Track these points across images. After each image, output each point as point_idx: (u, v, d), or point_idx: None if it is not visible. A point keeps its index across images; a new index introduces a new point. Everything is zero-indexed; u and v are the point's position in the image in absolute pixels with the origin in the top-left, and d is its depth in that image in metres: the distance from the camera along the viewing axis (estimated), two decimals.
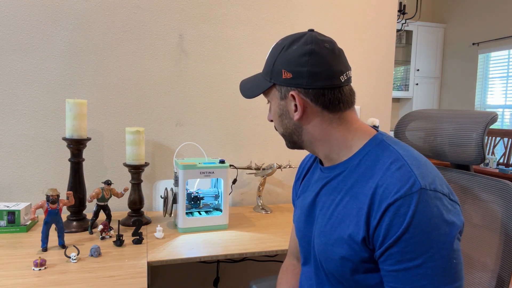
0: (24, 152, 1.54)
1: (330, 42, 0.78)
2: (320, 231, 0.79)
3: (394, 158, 0.71)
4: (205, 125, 1.75)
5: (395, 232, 0.65)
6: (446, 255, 0.64)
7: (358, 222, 0.70)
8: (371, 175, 0.72)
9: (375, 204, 0.68)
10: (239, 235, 1.39)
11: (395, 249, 0.65)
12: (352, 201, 0.73)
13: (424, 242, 0.64)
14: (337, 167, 0.80)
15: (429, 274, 0.64)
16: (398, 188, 0.66)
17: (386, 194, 0.67)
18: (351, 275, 0.73)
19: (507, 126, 4.48)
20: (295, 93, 0.77)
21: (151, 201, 1.71)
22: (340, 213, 0.75)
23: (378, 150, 0.75)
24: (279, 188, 1.89)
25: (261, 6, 1.78)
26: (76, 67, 1.58)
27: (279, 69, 0.78)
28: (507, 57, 4.47)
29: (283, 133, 0.85)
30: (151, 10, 1.64)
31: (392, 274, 0.67)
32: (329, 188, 0.81)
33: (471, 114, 0.97)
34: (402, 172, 0.68)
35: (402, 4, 4.23)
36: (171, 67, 1.69)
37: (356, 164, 0.76)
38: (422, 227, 0.64)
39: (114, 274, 1.03)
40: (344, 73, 0.77)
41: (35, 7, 1.51)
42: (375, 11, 1.96)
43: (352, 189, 0.75)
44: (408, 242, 0.64)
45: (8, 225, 1.32)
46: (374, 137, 0.77)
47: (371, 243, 0.69)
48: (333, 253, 0.75)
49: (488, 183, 0.92)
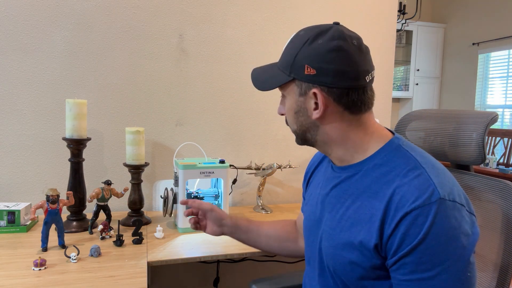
0: (24, 152, 1.54)
1: (358, 39, 0.74)
2: (328, 234, 0.77)
3: (412, 165, 0.68)
4: (205, 125, 1.75)
5: (411, 242, 0.63)
6: (462, 267, 0.63)
7: (371, 228, 0.68)
8: (386, 181, 0.69)
9: (391, 212, 0.66)
10: None
11: (409, 259, 0.63)
12: (364, 206, 0.71)
13: (440, 254, 0.62)
14: (349, 168, 0.77)
15: (443, 286, 0.62)
16: (416, 197, 0.64)
17: (403, 203, 0.64)
18: (360, 280, 0.72)
19: (507, 126, 4.48)
20: (318, 91, 0.72)
21: (151, 201, 1.71)
22: (351, 217, 0.73)
23: (394, 155, 0.72)
24: (279, 188, 1.89)
25: (261, 6, 1.78)
26: (76, 67, 1.58)
27: (302, 63, 0.73)
28: (507, 57, 4.47)
29: (296, 130, 0.80)
30: (151, 10, 1.64)
31: (404, 283, 0.65)
32: (339, 189, 0.78)
33: (471, 114, 0.97)
34: (420, 180, 0.65)
35: (402, 4, 4.23)
36: (171, 67, 1.69)
37: (371, 168, 0.73)
38: (439, 238, 0.62)
39: (114, 274, 1.03)
40: (369, 73, 0.74)
41: (35, 7, 1.51)
42: (375, 11, 1.96)
43: (364, 193, 0.72)
44: (423, 253, 0.62)
45: (8, 225, 1.32)
46: (391, 141, 0.75)
47: (384, 250, 0.67)
48: (342, 257, 0.73)
49: (488, 183, 0.92)
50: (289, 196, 1.91)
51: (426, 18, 5.33)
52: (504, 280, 0.87)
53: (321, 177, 0.88)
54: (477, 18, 4.75)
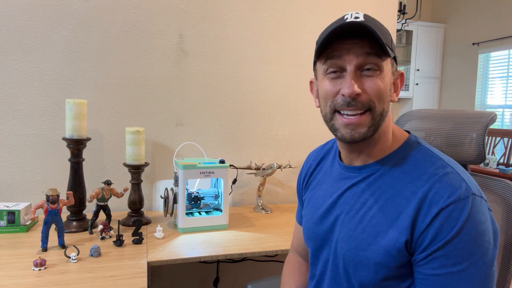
0: (24, 152, 1.54)
1: None
2: (348, 236, 0.75)
3: (439, 164, 0.69)
4: (205, 125, 1.75)
5: (445, 236, 0.64)
6: (488, 261, 0.64)
7: (400, 227, 0.68)
8: (411, 179, 0.69)
9: (424, 208, 0.66)
10: (239, 235, 1.39)
11: (440, 253, 0.64)
12: (389, 205, 0.70)
13: (471, 248, 0.63)
14: (366, 167, 0.76)
15: (470, 280, 0.63)
16: (451, 193, 0.65)
17: (437, 199, 0.65)
18: (382, 281, 0.71)
19: (507, 126, 4.48)
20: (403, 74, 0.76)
21: (151, 201, 1.71)
22: (375, 216, 0.71)
23: (417, 154, 0.72)
24: (279, 188, 1.89)
25: (261, 6, 1.78)
26: (76, 67, 1.58)
27: (393, 46, 0.73)
28: (507, 57, 4.47)
29: (383, 111, 0.71)
30: (151, 10, 1.64)
31: (432, 278, 0.65)
32: (357, 189, 0.76)
33: (470, 114, 0.97)
34: (451, 177, 0.67)
35: (402, 4, 4.23)
36: (171, 67, 1.69)
37: (391, 167, 0.73)
38: (472, 233, 0.63)
39: (114, 274, 1.03)
40: None
41: (35, 7, 1.51)
42: (375, 11, 1.96)
43: (387, 192, 0.71)
44: (455, 247, 0.63)
45: (8, 225, 1.32)
46: (409, 139, 0.75)
47: (414, 247, 0.67)
48: (366, 258, 0.71)
49: (489, 182, 0.92)
50: (289, 196, 1.91)
51: (426, 18, 5.33)
52: (504, 280, 0.87)
53: (325, 178, 0.86)
54: (477, 18, 4.75)
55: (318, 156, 0.92)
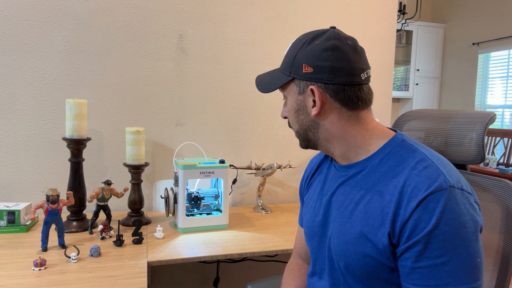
0: (24, 152, 1.54)
1: (353, 40, 0.78)
2: (339, 230, 0.78)
3: (419, 158, 0.71)
4: (205, 125, 1.75)
5: (424, 228, 0.65)
6: (472, 253, 0.64)
7: (384, 220, 0.70)
8: (394, 174, 0.72)
9: (403, 202, 0.68)
10: (239, 235, 1.39)
11: (421, 245, 0.65)
12: (374, 200, 0.73)
13: (453, 239, 0.64)
14: (355, 165, 0.79)
15: (455, 271, 0.64)
16: (428, 186, 0.66)
17: (416, 192, 0.67)
18: (372, 275, 0.73)
19: (507, 126, 4.48)
20: (315, 88, 0.76)
21: (151, 201, 1.71)
22: (362, 211, 0.74)
23: (400, 150, 0.74)
24: (279, 188, 1.89)
25: (261, 6, 1.78)
26: (76, 67, 1.58)
27: (300, 63, 0.77)
28: (507, 57, 4.47)
29: (298, 130, 0.83)
30: (151, 10, 1.64)
31: (417, 271, 0.66)
32: (346, 187, 0.79)
33: (470, 114, 0.97)
34: (429, 170, 0.68)
35: (402, 4, 4.23)
36: (171, 67, 1.69)
37: (377, 164, 0.75)
38: (451, 224, 0.64)
39: (114, 274, 1.03)
40: (364, 71, 0.77)
41: (35, 7, 1.52)
42: (375, 11, 1.96)
43: (373, 187, 0.74)
44: (436, 239, 0.64)
45: (8, 225, 1.32)
46: (395, 137, 0.77)
47: (397, 240, 0.69)
48: (355, 252, 0.74)
49: (488, 182, 0.92)
50: (289, 196, 1.91)
51: (426, 18, 5.33)
52: (504, 279, 0.87)
53: (322, 179, 0.89)
54: (477, 18, 4.75)
55: (319, 159, 0.95)
